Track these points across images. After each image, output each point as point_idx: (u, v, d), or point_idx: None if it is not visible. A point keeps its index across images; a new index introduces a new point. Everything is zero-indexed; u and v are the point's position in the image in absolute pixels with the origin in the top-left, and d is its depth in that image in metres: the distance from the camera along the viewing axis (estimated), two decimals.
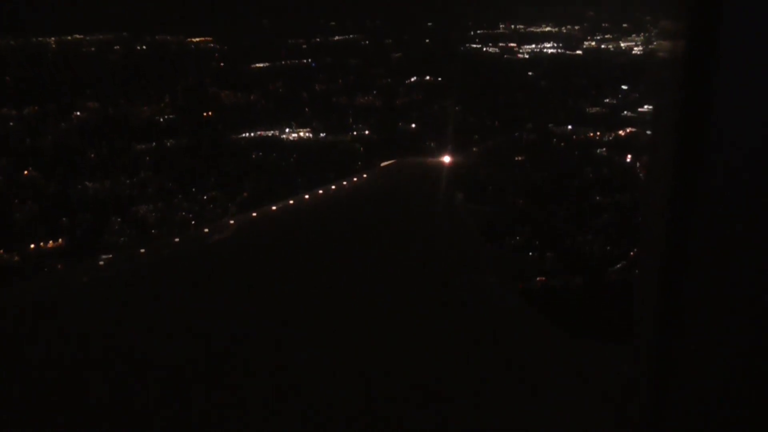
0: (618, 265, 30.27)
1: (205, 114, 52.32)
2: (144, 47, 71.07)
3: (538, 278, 30.66)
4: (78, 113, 52.10)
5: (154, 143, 46.47)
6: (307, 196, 11.02)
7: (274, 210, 10.40)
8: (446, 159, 12.14)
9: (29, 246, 34.98)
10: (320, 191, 10.61)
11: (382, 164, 13.29)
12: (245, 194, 38.72)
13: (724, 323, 1.75)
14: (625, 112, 43.08)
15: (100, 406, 3.87)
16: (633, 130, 40.55)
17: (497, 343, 5.15)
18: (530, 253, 30.66)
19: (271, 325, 5.08)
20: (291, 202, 11.45)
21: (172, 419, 3.77)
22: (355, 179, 11.27)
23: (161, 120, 51.12)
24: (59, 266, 33.25)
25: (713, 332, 1.77)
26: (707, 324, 1.78)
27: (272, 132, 46.76)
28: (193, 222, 36.59)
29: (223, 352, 4.53)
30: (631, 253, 30.16)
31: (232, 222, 10.75)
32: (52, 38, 71.21)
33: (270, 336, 4.85)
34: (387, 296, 5.83)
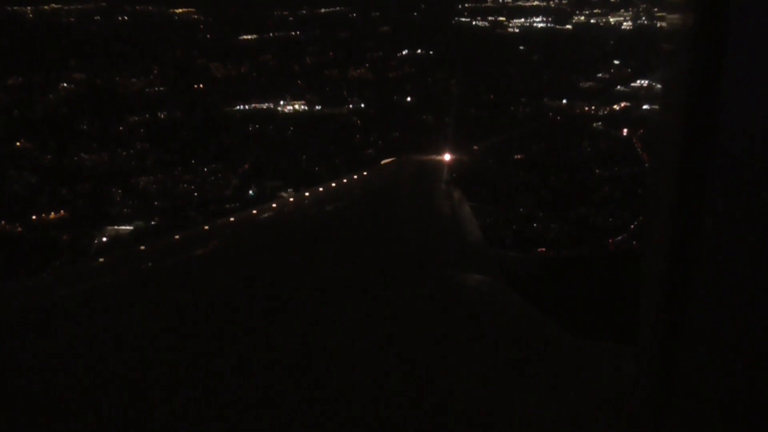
0: (620, 237, 31.48)
1: (195, 86, 52.25)
2: (125, 18, 70.20)
3: (539, 249, 31.87)
4: (64, 84, 51.66)
5: (147, 115, 46.47)
6: (307, 194, 11.04)
7: (273, 207, 10.68)
8: (447, 157, 12.05)
9: (31, 217, 35.08)
10: (320, 189, 10.63)
11: (383, 162, 13.69)
12: (246, 166, 39.13)
13: (729, 323, 1.75)
14: (619, 87, 44.11)
15: (100, 407, 3.83)
16: (627, 104, 41.65)
17: (497, 342, 5.07)
18: (534, 225, 31.71)
19: (270, 324, 5.03)
20: (291, 200, 11.66)
21: (171, 420, 3.73)
22: (355, 177, 11.33)
23: (151, 92, 50.94)
24: (64, 237, 33.59)
25: (717, 332, 1.77)
26: (711, 324, 1.78)
27: (267, 105, 47.00)
28: (195, 194, 36.98)
29: (222, 353, 4.50)
30: (632, 226, 31.37)
31: (231, 219, 10.91)
32: (29, 7, 69.98)
33: (269, 336, 4.81)
34: (386, 296, 5.77)
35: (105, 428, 3.70)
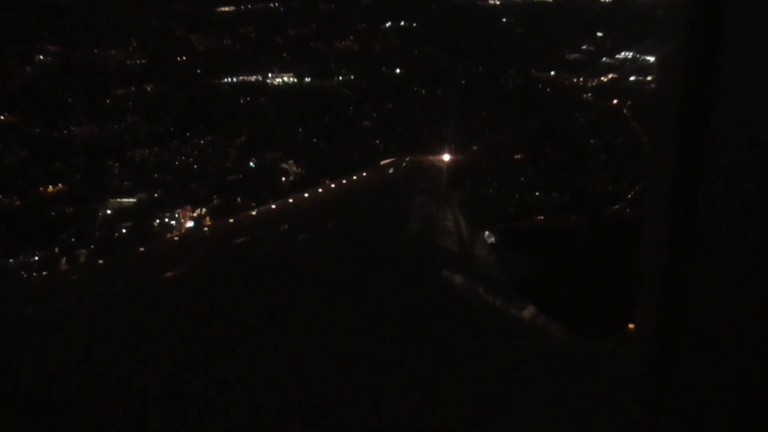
0: (616, 206, 32.95)
1: (178, 59, 52.07)
2: None
3: (538, 217, 33.24)
4: (40, 57, 51.04)
5: (132, 88, 46.35)
6: (306, 195, 11.06)
7: (273, 208, 10.76)
8: (446, 157, 12.34)
9: (28, 191, 35.10)
10: (320, 189, 10.68)
11: (382, 162, 14.03)
12: (243, 138, 39.56)
13: (726, 324, 1.78)
14: (604, 59, 45.48)
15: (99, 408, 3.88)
16: (614, 76, 43.09)
17: (497, 342, 5.15)
18: (536, 194, 33.04)
19: (270, 324, 5.07)
20: (290, 200, 11.64)
21: (170, 421, 3.79)
22: (354, 177, 11.36)
23: (133, 64, 50.66)
24: (68, 209, 33.75)
25: (715, 333, 1.81)
26: (709, 324, 1.81)
27: (255, 77, 47.21)
28: (195, 166, 37.34)
29: (222, 352, 4.55)
30: (629, 195, 32.87)
31: (231, 220, 11.06)
32: None
33: (268, 336, 4.84)
34: (386, 295, 5.82)
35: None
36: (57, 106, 43.76)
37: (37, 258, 29.57)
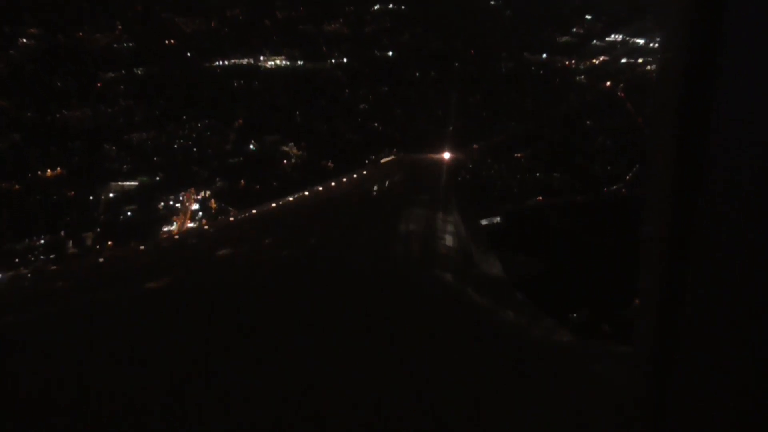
0: (615, 186, 33.91)
1: (166, 42, 51.90)
2: None
3: (538, 198, 34.08)
4: (23, 40, 50.59)
5: (123, 71, 46.24)
6: (306, 193, 11.09)
7: (273, 207, 10.80)
8: (446, 155, 12.42)
9: (27, 174, 35.10)
10: (320, 188, 10.63)
11: (382, 161, 14.17)
12: (240, 121, 39.81)
13: (726, 324, 1.80)
14: (595, 42, 46.39)
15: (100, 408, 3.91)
16: (606, 58, 44.04)
17: (496, 343, 5.17)
18: (537, 174, 33.89)
19: (270, 325, 5.08)
20: (290, 199, 11.61)
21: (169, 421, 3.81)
22: (354, 176, 11.38)
23: (121, 48, 50.42)
24: (71, 193, 33.85)
25: (715, 333, 1.82)
26: (709, 325, 1.82)
27: (246, 60, 47.32)
28: (195, 149, 37.56)
29: (222, 352, 4.56)
30: (628, 177, 33.84)
31: (231, 219, 11.13)
32: None
33: (269, 337, 4.85)
34: (385, 297, 5.82)
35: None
36: (47, 90, 43.54)
37: (42, 241, 29.70)
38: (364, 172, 12.37)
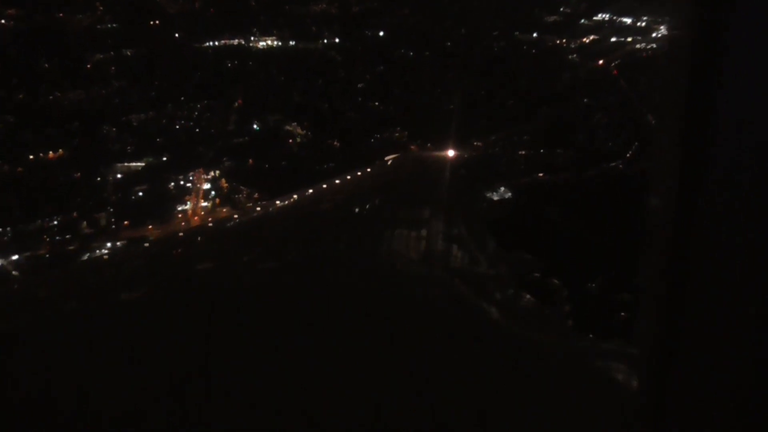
0: (613, 163, 35.17)
1: (151, 23, 51.63)
2: None
3: (539, 174, 35.21)
4: (2, 21, 49.98)
5: (112, 53, 46.02)
6: (311, 191, 11.65)
7: (278, 205, 11.32)
8: (450, 153, 12.81)
9: (28, 157, 35.05)
10: (324, 185, 11.28)
11: (387, 158, 14.52)
12: (239, 101, 40.12)
13: (727, 325, 1.88)
14: (583, 21, 47.60)
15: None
16: (596, 37, 45.31)
17: (497, 343, 5.03)
18: (541, 150, 35.01)
19: (274, 322, 4.79)
20: (295, 196, 12.06)
21: (169, 420, 3.85)
22: (359, 173, 11.91)
23: (104, 29, 50.04)
24: (77, 174, 33.93)
25: (716, 333, 1.90)
26: (710, 326, 1.90)
27: (237, 41, 47.44)
28: (197, 130, 37.80)
29: (224, 350, 4.39)
30: (628, 155, 35.12)
31: (236, 216, 11.48)
32: None
33: (273, 334, 4.64)
34: (388, 294, 5.51)
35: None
36: (34, 72, 43.22)
37: (56, 223, 29.87)
38: (369, 170, 12.08)
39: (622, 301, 18.39)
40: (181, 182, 33.32)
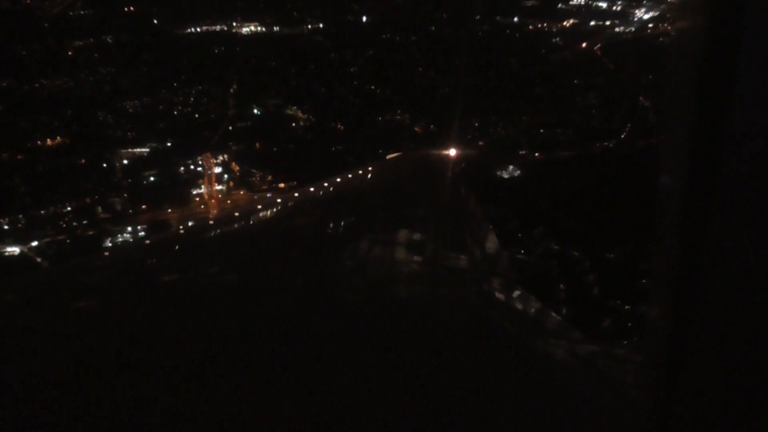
0: (608, 143, 36.73)
1: (126, 9, 51.10)
2: None
3: (537, 154, 36.59)
4: None
5: (91, 39, 45.52)
6: (312, 189, 11.20)
7: (278, 202, 11.00)
8: (452, 152, 12.61)
9: (26, 144, 34.73)
10: (325, 183, 10.79)
11: (387, 157, 14.78)
12: (235, 86, 40.32)
13: (734, 324, 1.83)
14: (560, 5, 49.27)
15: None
16: (575, 21, 47.04)
17: (501, 342, 5.20)
18: (541, 131, 36.39)
19: (271, 321, 5.12)
20: (296, 195, 11.79)
21: (168, 418, 3.82)
22: (360, 172, 11.48)
23: (77, 15, 49.38)
24: (81, 161, 33.77)
25: (723, 333, 1.85)
26: (717, 325, 1.85)
27: (219, 27, 47.45)
28: (196, 115, 37.90)
29: (223, 348, 4.58)
30: (623, 135, 36.70)
31: (237, 214, 11.39)
32: None
33: (271, 333, 4.89)
34: (389, 293, 5.90)
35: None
36: (12, 59, 42.56)
37: (69, 209, 29.81)
38: (370, 168, 12.26)
39: (628, 302, 18.86)
40: (191, 167, 33.47)
